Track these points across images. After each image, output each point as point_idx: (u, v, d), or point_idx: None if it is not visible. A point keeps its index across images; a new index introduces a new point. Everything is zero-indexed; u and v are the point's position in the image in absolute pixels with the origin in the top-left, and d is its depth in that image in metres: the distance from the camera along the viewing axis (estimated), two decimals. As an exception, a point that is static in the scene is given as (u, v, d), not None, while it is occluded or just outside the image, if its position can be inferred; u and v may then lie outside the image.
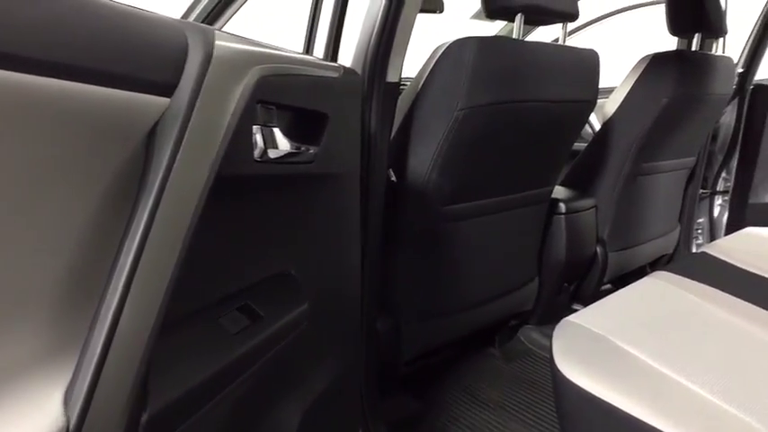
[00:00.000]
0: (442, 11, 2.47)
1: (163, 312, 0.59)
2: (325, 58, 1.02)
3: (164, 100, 0.57)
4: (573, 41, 3.07)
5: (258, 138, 0.69)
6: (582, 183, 1.93)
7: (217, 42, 0.61)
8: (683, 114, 1.90)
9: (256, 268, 0.78)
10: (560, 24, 1.50)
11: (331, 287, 0.98)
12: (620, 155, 1.88)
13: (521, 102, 1.32)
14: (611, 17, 3.08)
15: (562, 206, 1.76)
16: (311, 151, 0.81)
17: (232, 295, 0.74)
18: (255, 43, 0.71)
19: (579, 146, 1.94)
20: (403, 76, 1.19)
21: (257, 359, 0.74)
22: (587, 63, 1.48)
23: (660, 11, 1.92)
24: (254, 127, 0.68)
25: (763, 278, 1.59)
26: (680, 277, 1.53)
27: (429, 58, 1.29)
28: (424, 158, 1.29)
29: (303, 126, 0.79)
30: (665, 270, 1.57)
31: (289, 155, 0.75)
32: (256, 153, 0.70)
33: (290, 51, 0.79)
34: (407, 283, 1.42)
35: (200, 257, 0.66)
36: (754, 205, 2.47)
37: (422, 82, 1.28)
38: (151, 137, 0.57)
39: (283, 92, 0.72)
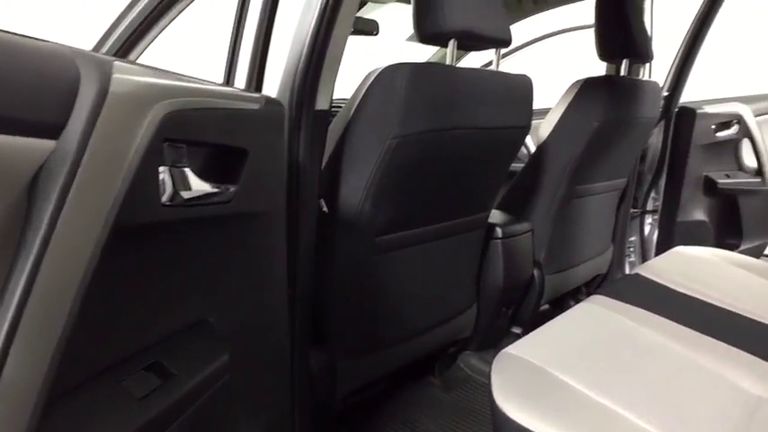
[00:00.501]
0: (377, 33, 2.45)
1: (51, 379, 0.51)
2: (248, 88, 0.96)
3: (48, 143, 0.50)
4: (507, 64, 3.11)
5: (167, 179, 0.62)
6: (518, 206, 1.93)
7: (115, 75, 0.55)
8: (614, 137, 1.93)
9: (168, 320, 0.71)
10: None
11: (256, 330, 0.91)
12: (555, 178, 1.88)
13: (455, 129, 1.30)
14: (545, 39, 3.14)
15: (499, 231, 1.75)
16: (230, 190, 0.74)
17: (139, 353, 0.66)
18: (166, 74, 0.65)
19: (516, 166, 1.94)
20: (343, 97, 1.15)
21: (169, 423, 0.67)
22: (521, 89, 1.47)
23: (591, 34, 1.95)
24: (162, 168, 0.62)
25: (694, 299, 1.61)
26: (615, 301, 1.53)
27: (361, 84, 1.25)
28: (356, 188, 1.24)
29: (220, 163, 0.73)
30: (600, 294, 1.57)
31: (203, 196, 0.68)
32: (165, 197, 0.63)
33: (206, 82, 0.73)
34: (342, 316, 1.36)
35: (99, 314, 0.59)
36: (682, 223, 2.53)
37: (353, 109, 1.24)
38: (34, 185, 0.50)
39: (195, 128, 0.66)
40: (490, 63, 2.68)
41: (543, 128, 1.89)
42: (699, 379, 1.14)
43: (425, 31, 1.28)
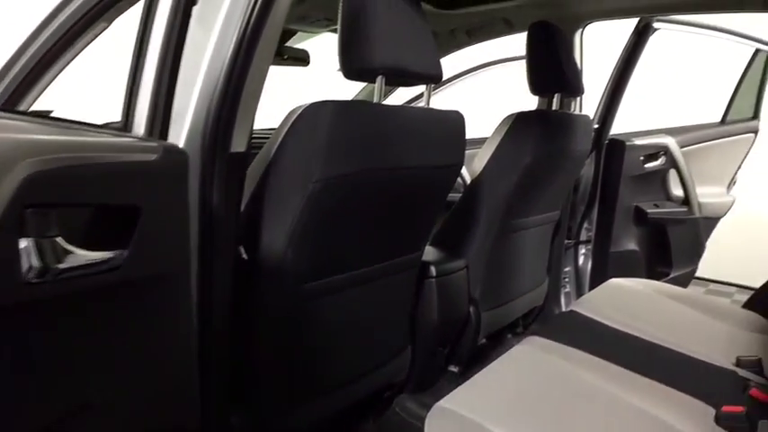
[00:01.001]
0: (308, 63, 2.39)
1: None
2: (148, 135, 0.86)
3: None
4: (443, 94, 3.10)
5: (32, 252, 0.53)
6: (452, 242, 1.88)
7: None
8: (547, 171, 1.92)
9: (38, 411, 0.60)
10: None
11: (158, 402, 0.81)
12: (489, 213, 1.85)
13: (384, 170, 1.24)
14: (481, 70, 3.15)
15: (433, 269, 1.69)
16: (122, 254, 0.65)
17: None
18: (42, 126, 0.55)
19: (454, 196, 1.89)
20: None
21: None
22: (452, 126, 1.43)
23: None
24: (24, 240, 0.52)
25: (628, 336, 1.60)
26: (552, 342, 1.49)
27: (283, 122, 1.17)
28: (278, 234, 1.16)
29: (107, 225, 0.64)
30: (537, 335, 1.53)
31: (84, 266, 0.59)
32: (31, 272, 0.53)
33: (91, 132, 0.64)
34: (268, 370, 1.27)
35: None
36: (614, 253, 2.56)
37: (274, 149, 1.16)
38: None
39: (70, 188, 0.57)
40: (420, 96, 2.65)
41: (476, 162, 1.86)
42: (636, 423, 1.12)
43: (351, 67, 1.22)
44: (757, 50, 2.82)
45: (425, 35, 1.33)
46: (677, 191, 2.72)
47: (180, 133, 0.94)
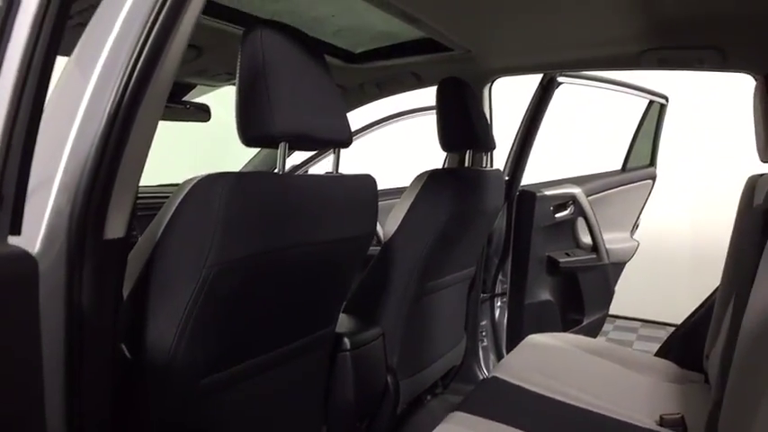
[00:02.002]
0: (209, 119, 2.25)
1: None
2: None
3: None
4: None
5: None
6: (366, 308, 1.78)
7: None
8: (462, 230, 1.87)
9: None
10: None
11: None
12: (405, 276, 1.77)
13: (288, 249, 1.12)
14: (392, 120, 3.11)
15: (347, 342, 1.57)
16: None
17: None
18: None
19: (374, 249, 1.78)
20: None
21: None
22: (364, 193, 1.33)
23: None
24: None
25: (554, 401, 1.55)
26: (475, 418, 1.41)
27: (172, 197, 1.03)
28: (167, 327, 1.00)
29: None
30: (460, 410, 1.45)
31: None
32: None
33: None
34: None
35: None
36: (530, 305, 2.54)
37: (161, 228, 1.01)
38: None
39: None
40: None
41: (390, 223, 1.78)
42: None
43: (251, 133, 1.10)
44: (651, 102, 2.95)
45: (332, 95, 1.23)
46: (586, 238, 2.76)
47: (38, 220, 0.79)
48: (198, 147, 3.57)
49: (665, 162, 3.14)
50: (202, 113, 2.22)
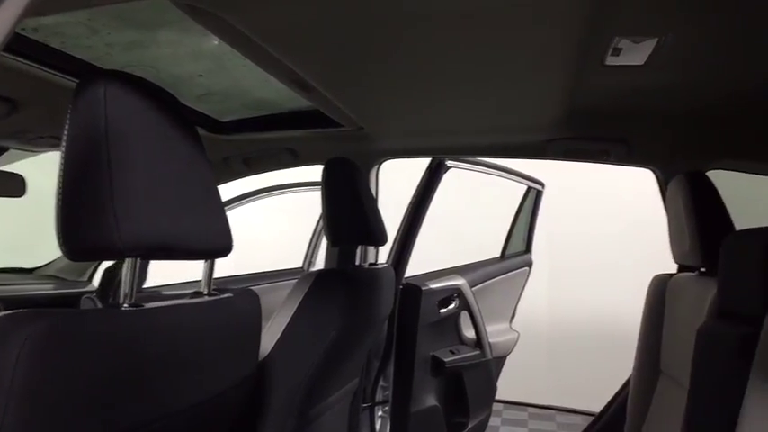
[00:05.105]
0: (23, 193, 1.76)
1: None
2: None
3: None
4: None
5: None
6: None
7: None
8: (353, 342, 1.55)
9: None
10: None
11: None
12: (285, 404, 1.39)
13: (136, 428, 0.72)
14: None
15: None
16: None
17: None
18: None
19: None
20: None
21: None
22: (248, 316, 0.97)
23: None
24: None
25: None
26: None
27: None
28: None
29: None
30: None
31: None
32: None
33: None
34: None
35: None
36: (416, 413, 2.23)
37: None
38: None
39: None
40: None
41: (266, 339, 1.40)
42: None
43: (79, 243, 0.72)
44: (529, 188, 2.89)
45: (206, 185, 0.89)
46: (469, 332, 2.54)
47: None
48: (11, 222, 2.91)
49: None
50: (14, 185, 1.72)
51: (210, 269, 0.93)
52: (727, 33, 1.06)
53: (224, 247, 0.88)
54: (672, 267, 1.69)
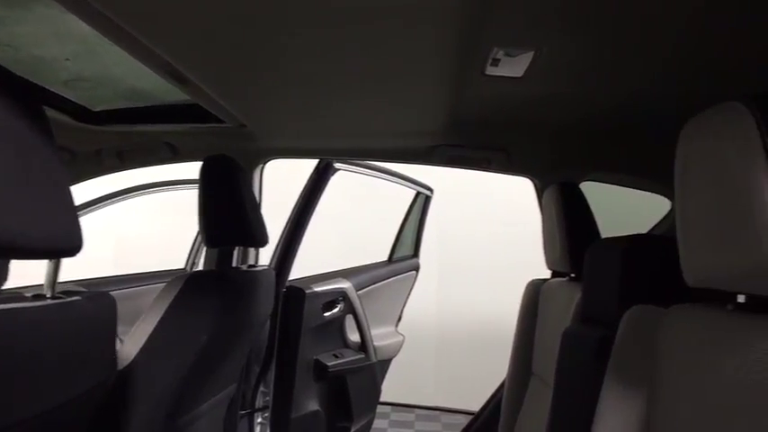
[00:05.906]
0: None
1: None
2: None
3: None
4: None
5: None
6: None
7: None
8: (228, 347, 1.49)
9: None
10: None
11: None
12: (149, 413, 1.30)
13: None
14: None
15: None
16: None
17: None
18: None
19: None
20: None
21: None
22: (96, 319, 0.90)
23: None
24: None
25: None
26: None
27: None
28: None
29: None
30: None
31: None
32: None
33: None
34: None
35: None
36: (297, 419, 2.18)
37: None
38: None
39: None
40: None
41: (130, 343, 1.31)
42: None
43: None
44: (418, 193, 2.92)
45: (53, 175, 0.80)
46: (354, 336, 2.53)
47: None
48: None
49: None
50: None
51: (55, 270, 0.84)
52: (598, 50, 1.10)
53: (71, 247, 0.80)
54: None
